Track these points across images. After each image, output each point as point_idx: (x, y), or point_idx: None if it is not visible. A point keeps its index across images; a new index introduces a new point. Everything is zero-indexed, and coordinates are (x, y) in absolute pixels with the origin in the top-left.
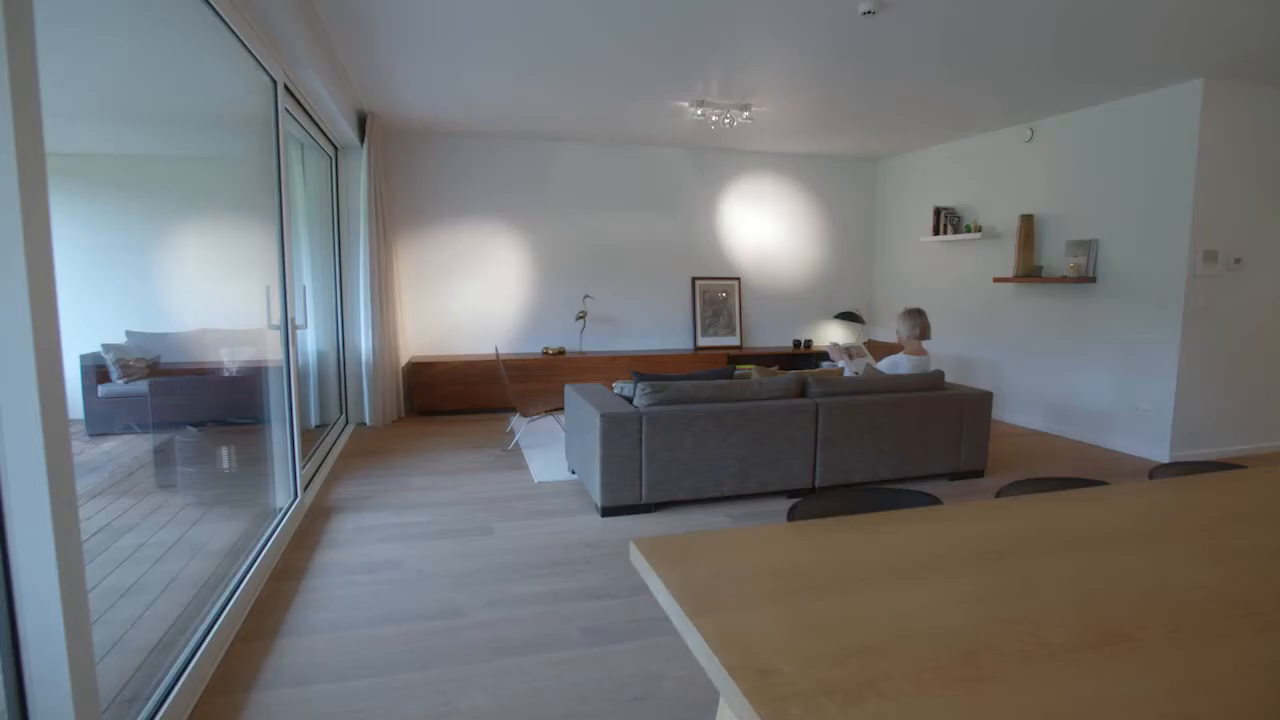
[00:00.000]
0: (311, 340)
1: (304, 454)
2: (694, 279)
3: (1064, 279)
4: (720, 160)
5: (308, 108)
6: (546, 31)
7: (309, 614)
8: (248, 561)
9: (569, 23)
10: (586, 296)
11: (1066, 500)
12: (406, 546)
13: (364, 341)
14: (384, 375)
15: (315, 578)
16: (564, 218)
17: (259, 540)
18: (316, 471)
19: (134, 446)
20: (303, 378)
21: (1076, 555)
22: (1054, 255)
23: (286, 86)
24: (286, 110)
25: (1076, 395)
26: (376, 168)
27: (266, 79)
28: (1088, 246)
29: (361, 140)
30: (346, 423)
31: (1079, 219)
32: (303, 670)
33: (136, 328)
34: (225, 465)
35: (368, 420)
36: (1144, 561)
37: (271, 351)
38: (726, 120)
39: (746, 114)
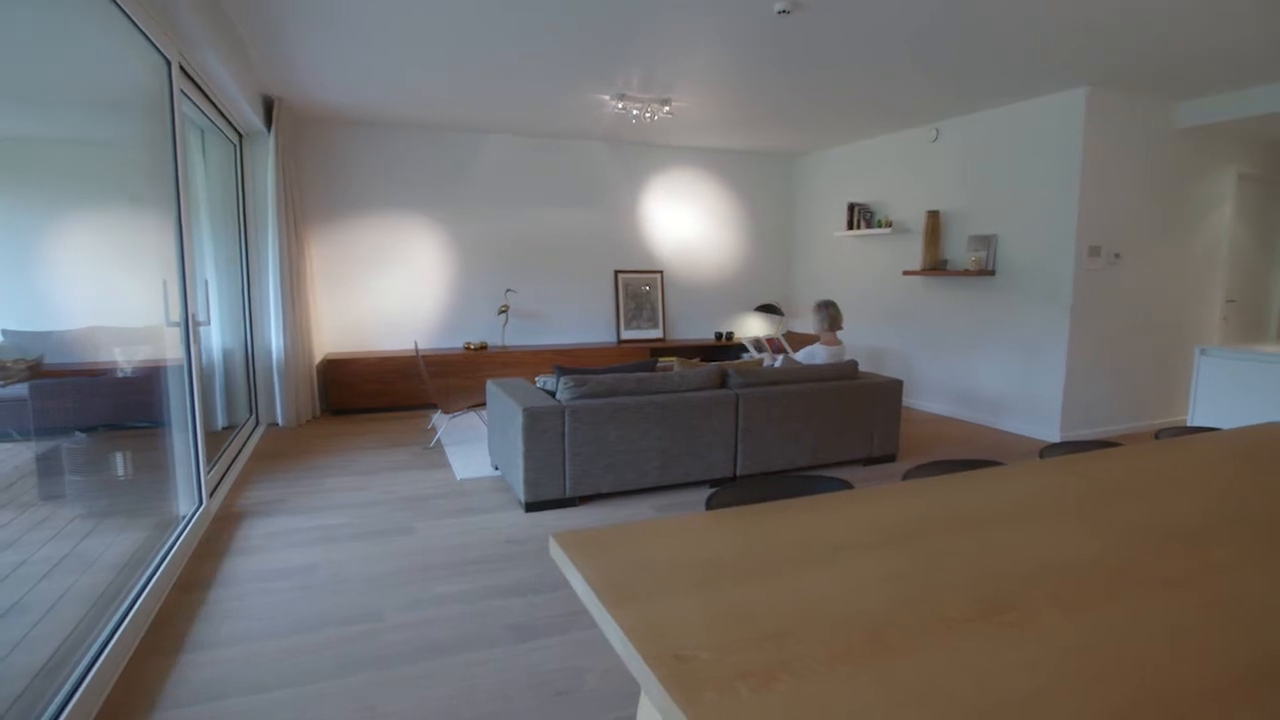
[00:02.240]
0: (216, 337)
1: (210, 458)
2: (617, 272)
3: (966, 272)
4: (642, 154)
5: (207, 90)
6: (459, 20)
7: (217, 625)
8: (147, 573)
9: (483, 12)
10: (509, 290)
11: (965, 481)
12: (323, 550)
13: (275, 338)
14: (297, 373)
15: (224, 587)
16: (485, 210)
17: (160, 550)
18: (224, 476)
19: (13, 455)
20: (207, 377)
21: (974, 532)
22: (958, 250)
23: (182, 67)
24: (183, 92)
25: (979, 382)
26: (285, 156)
27: (159, 59)
28: (988, 241)
29: (268, 126)
30: (257, 424)
31: (980, 215)
32: (211, 685)
33: (14, 326)
34: (120, 472)
35: (280, 421)
36: (1033, 535)
37: (171, 350)
38: (647, 114)
39: (667, 108)
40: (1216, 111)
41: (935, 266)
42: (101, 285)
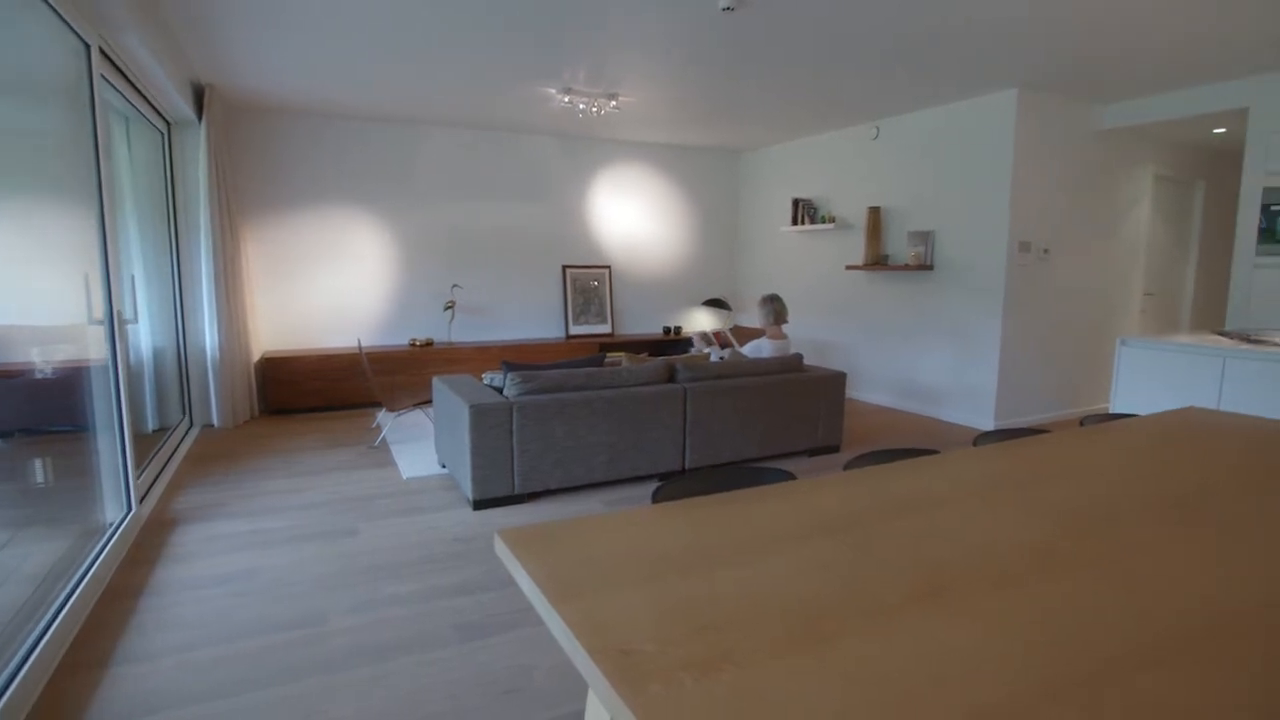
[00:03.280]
0: (145, 336)
1: (139, 461)
2: (565, 267)
3: (906, 267)
4: (590, 149)
5: (131, 76)
6: (399, 7)
7: (149, 636)
8: (71, 583)
9: (426, 1)
10: (455, 286)
11: (903, 469)
12: (263, 554)
13: (209, 336)
14: (233, 372)
15: (155, 596)
16: (431, 205)
17: (85, 559)
18: (156, 480)
19: None
20: (136, 377)
21: (911, 519)
22: (898, 245)
23: (102, 50)
24: (104, 78)
25: (918, 373)
26: (218, 146)
27: (77, 42)
28: (926, 237)
29: (199, 115)
30: (191, 425)
31: (918, 212)
32: (142, 699)
33: None
34: (40, 479)
35: (216, 422)
36: (967, 520)
37: (96, 349)
38: (594, 109)
39: (614, 103)
40: (1135, 114)
41: (877, 261)
42: (14, 282)
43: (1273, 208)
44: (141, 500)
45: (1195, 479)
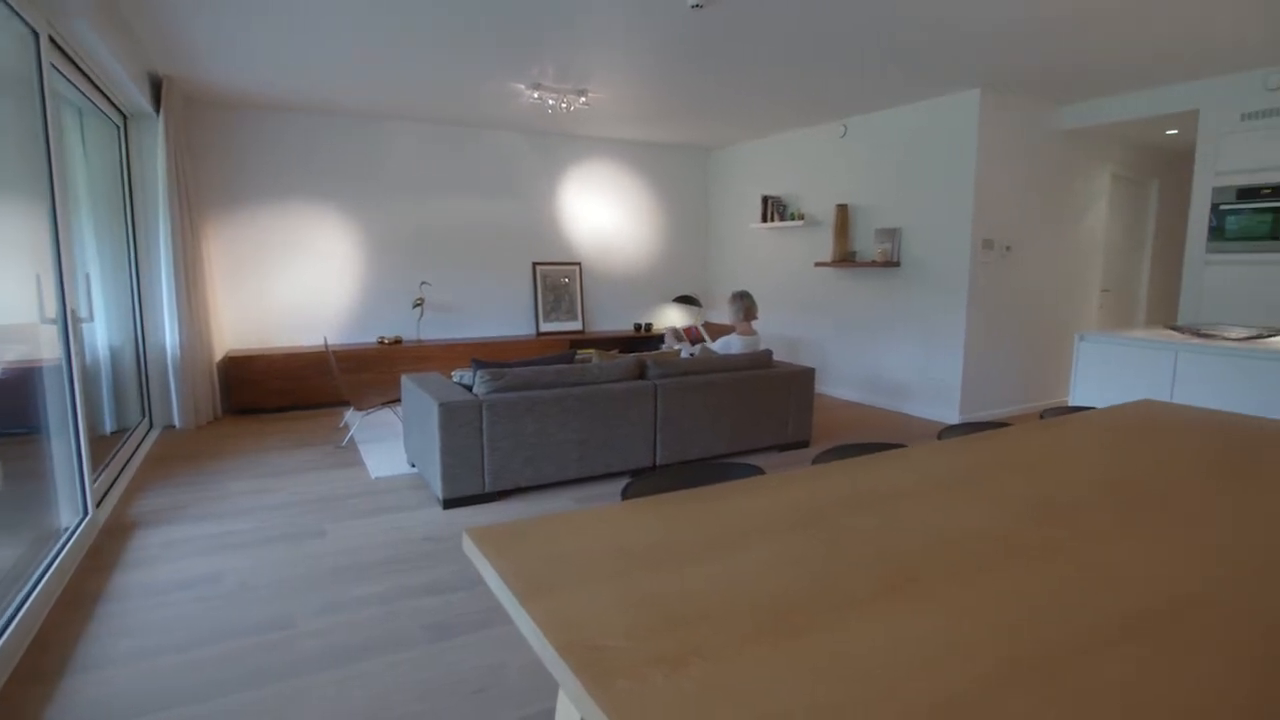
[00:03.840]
0: (101, 335)
1: (96, 464)
2: (535, 264)
3: (873, 264)
4: (560, 145)
5: (84, 67)
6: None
7: (107, 643)
8: (22, 592)
9: None
10: (424, 283)
11: (870, 463)
12: (227, 558)
13: (169, 335)
14: (195, 371)
15: (114, 602)
16: (398, 200)
17: (37, 566)
18: (114, 483)
19: None
20: (92, 378)
21: (877, 511)
22: (866, 242)
23: (52, 39)
24: (54, 67)
25: (886, 368)
26: (177, 140)
27: (24, 29)
28: (893, 234)
29: (156, 108)
30: (150, 426)
31: (885, 209)
32: (100, 707)
33: None
34: None
35: (177, 422)
36: (931, 511)
37: (48, 349)
38: (564, 105)
39: (583, 99)
40: (1093, 115)
41: (845, 258)
42: None
43: (1221, 207)
44: (99, 504)
45: (1151, 469)
